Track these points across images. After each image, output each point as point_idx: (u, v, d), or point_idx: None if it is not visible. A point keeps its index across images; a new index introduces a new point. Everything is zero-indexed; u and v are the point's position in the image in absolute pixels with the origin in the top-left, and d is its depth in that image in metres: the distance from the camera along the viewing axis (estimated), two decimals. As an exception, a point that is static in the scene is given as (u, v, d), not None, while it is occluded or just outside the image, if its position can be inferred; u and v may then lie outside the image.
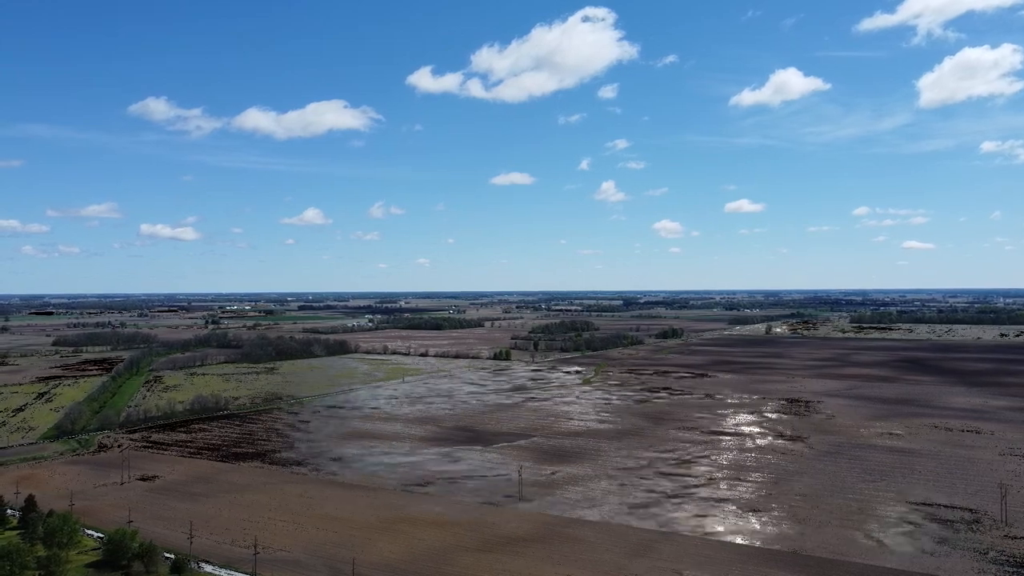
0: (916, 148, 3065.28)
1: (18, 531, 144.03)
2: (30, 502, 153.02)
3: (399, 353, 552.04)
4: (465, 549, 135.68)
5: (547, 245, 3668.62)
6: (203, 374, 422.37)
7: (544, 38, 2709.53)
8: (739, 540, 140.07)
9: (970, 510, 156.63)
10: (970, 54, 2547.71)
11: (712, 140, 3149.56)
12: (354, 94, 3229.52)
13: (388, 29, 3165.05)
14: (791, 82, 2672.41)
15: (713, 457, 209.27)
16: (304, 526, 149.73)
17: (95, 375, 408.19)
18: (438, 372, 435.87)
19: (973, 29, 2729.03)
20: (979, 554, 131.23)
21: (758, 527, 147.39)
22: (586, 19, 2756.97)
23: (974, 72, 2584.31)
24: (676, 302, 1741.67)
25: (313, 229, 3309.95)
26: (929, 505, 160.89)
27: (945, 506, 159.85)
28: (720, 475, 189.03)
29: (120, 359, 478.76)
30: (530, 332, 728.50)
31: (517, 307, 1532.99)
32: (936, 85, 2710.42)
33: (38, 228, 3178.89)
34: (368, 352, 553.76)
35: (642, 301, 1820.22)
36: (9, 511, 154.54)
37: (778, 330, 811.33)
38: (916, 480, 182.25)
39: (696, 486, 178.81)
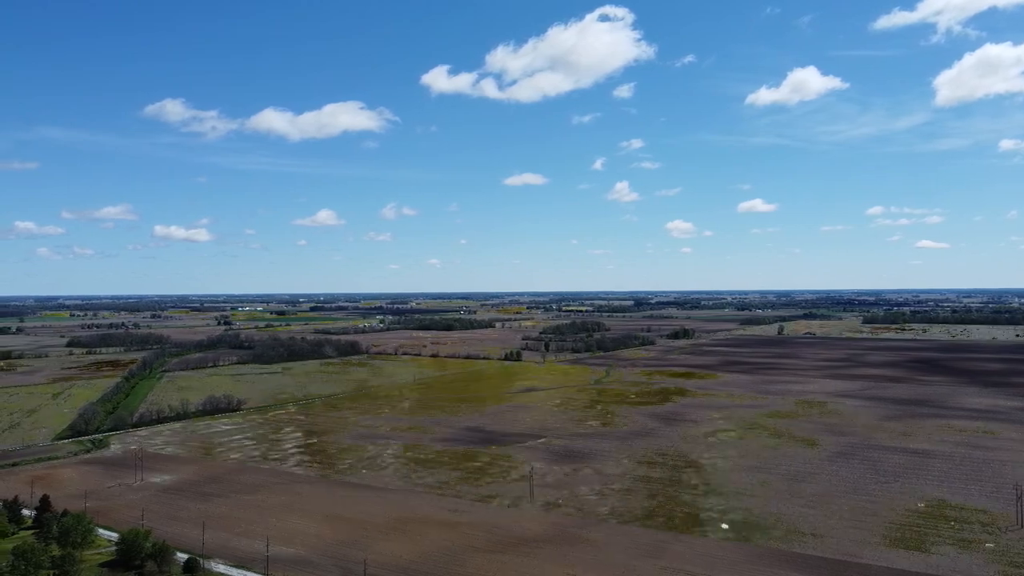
0: (932, 147, 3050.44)
1: (33, 531, 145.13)
2: (44, 502, 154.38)
3: (409, 354, 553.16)
4: (476, 549, 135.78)
5: (558, 246, 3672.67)
6: (215, 375, 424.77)
7: (560, 37, 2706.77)
8: (750, 541, 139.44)
9: (985, 511, 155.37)
10: (991, 51, 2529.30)
11: (727, 139, 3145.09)
12: (371, 95, 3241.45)
13: (404, 29, 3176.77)
14: (809, 81, 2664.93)
15: (724, 458, 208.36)
16: (315, 526, 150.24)
17: (109, 376, 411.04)
18: (449, 372, 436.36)
19: (994, 27, 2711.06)
20: (994, 555, 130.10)
21: (769, 528, 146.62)
22: (604, 18, 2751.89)
23: (995, 69, 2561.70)
24: (687, 302, 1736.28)
25: (325, 230, 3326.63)
26: (943, 506, 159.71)
27: (960, 507, 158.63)
28: (731, 475, 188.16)
29: (133, 360, 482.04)
30: (541, 333, 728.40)
31: (528, 308, 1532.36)
32: (954, 83, 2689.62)
33: (53, 230, 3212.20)
34: (379, 353, 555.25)
35: (653, 301, 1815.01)
36: (24, 511, 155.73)
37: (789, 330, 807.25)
38: (930, 481, 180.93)
39: (707, 486, 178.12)
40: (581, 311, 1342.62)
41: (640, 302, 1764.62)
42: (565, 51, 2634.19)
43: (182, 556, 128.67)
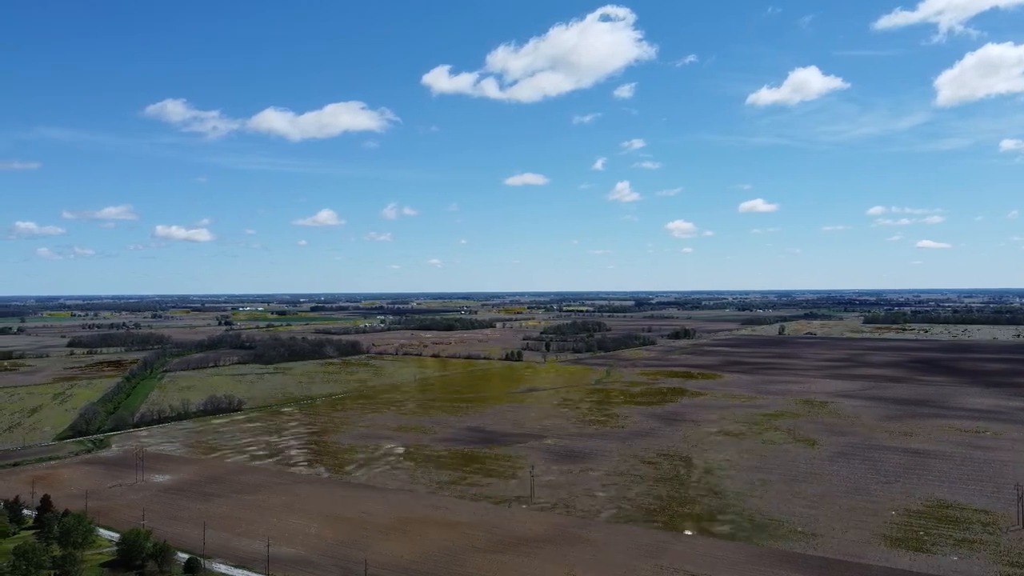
0: (933, 147, 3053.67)
1: (34, 531, 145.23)
2: (45, 502, 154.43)
3: (410, 354, 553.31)
4: (476, 550, 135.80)
5: (559, 246, 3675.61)
6: (216, 375, 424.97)
7: (561, 37, 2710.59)
8: (751, 541, 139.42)
9: (986, 511, 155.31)
10: (993, 50, 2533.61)
11: (728, 140, 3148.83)
12: (372, 95, 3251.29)
13: (405, 29, 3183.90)
14: (810, 81, 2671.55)
15: (725, 458, 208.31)
16: (316, 526, 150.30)
17: (110, 376, 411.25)
18: (450, 372, 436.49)
19: (996, 27, 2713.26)
20: (996, 555, 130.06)
21: (770, 528, 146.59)
22: (605, 18, 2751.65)
23: (996, 69, 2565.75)
24: (688, 302, 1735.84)
25: (326, 230, 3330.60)
26: (944, 506, 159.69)
27: (960, 507, 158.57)
28: (732, 475, 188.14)
29: (134, 360, 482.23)
30: (542, 333, 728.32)
31: (529, 308, 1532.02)
32: (955, 83, 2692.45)
33: (54, 230, 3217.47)
34: (380, 353, 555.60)
35: (654, 302, 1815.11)
36: (25, 511, 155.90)
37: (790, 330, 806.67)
38: (930, 481, 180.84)
39: (708, 486, 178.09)
40: (582, 311, 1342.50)
41: (641, 302, 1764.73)
42: (566, 51, 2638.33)
43: (183, 556, 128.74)
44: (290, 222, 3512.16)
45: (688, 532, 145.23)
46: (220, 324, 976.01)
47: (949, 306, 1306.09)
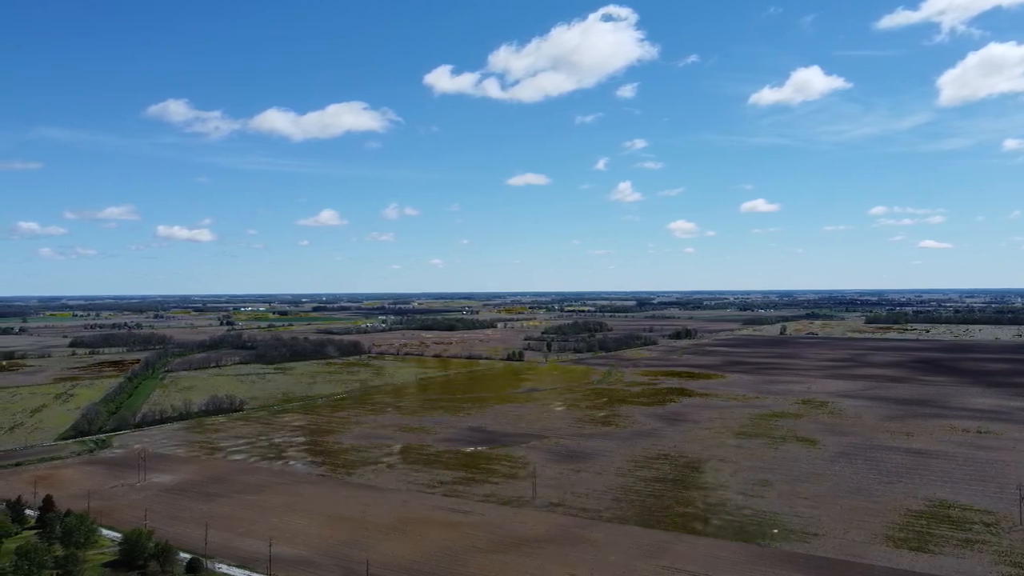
0: (935, 147, 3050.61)
1: (36, 531, 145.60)
2: (47, 502, 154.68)
3: (411, 354, 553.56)
4: (478, 550, 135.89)
5: (560, 246, 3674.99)
6: (218, 375, 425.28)
7: (563, 37, 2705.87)
8: (752, 541, 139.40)
9: (988, 511, 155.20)
10: (995, 50, 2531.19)
11: (729, 140, 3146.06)
12: (374, 95, 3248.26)
13: (407, 29, 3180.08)
14: (812, 81, 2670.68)
15: (726, 458, 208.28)
16: (317, 526, 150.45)
17: (111, 376, 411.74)
18: (451, 372, 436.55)
19: (998, 26, 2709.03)
20: (997, 556, 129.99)
21: (771, 529, 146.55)
22: (607, 18, 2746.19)
23: (998, 69, 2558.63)
24: (690, 302, 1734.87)
25: (328, 230, 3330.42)
26: (946, 507, 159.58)
27: (962, 508, 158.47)
28: (733, 475, 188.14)
29: (136, 360, 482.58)
30: (543, 333, 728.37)
31: (530, 308, 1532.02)
32: (958, 82, 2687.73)
33: (56, 230, 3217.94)
34: (381, 353, 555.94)
35: (655, 302, 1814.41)
36: (27, 511, 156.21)
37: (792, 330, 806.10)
38: (932, 481, 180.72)
39: (710, 487, 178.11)
40: (583, 311, 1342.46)
41: (642, 302, 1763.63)
42: (568, 51, 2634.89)
43: (185, 556, 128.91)
44: (291, 222, 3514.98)
45: (689, 532, 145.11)
46: (222, 324, 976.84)
47: (951, 306, 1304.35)
